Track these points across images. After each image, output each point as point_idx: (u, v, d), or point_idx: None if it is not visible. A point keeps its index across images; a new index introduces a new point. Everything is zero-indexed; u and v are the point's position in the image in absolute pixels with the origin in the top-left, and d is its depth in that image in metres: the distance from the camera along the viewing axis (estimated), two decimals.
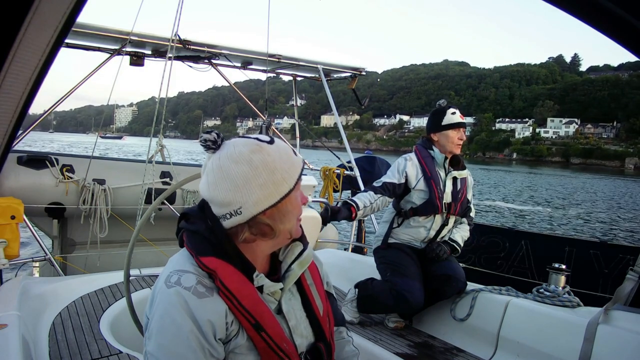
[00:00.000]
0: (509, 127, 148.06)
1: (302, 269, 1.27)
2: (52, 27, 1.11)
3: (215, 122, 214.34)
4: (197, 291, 1.08)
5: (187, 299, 1.06)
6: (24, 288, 2.46)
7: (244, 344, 1.13)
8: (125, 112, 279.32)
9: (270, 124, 5.32)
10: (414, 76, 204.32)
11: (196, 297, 1.07)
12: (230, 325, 1.12)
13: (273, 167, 1.13)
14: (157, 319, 1.08)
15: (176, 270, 1.13)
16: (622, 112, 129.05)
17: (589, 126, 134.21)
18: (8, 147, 1.48)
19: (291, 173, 1.16)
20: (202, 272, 1.13)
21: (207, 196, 1.16)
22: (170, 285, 1.09)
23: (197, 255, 1.14)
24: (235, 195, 1.11)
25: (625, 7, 1.04)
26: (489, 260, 4.95)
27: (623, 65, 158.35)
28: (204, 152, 1.19)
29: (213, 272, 1.11)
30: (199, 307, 1.07)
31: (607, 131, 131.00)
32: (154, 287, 1.16)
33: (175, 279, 1.10)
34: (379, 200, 2.99)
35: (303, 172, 1.23)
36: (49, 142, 64.17)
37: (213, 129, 1.23)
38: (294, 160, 1.18)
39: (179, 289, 1.08)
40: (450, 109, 3.02)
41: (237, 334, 1.13)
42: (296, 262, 1.26)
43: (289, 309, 1.23)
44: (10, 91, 1.21)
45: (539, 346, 2.44)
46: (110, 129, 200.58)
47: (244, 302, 1.11)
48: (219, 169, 1.13)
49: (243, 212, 1.12)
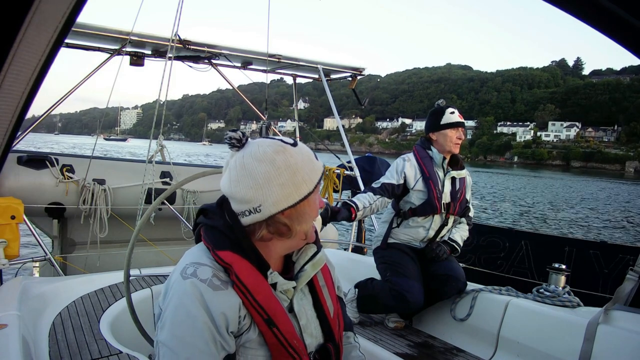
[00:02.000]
0: (510, 130, 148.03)
1: (315, 271, 1.29)
2: (52, 27, 1.11)
3: (219, 124, 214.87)
4: (213, 284, 1.10)
5: (202, 291, 1.08)
6: (24, 288, 2.46)
7: (255, 338, 1.15)
8: (130, 115, 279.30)
9: (270, 125, 5.33)
10: (416, 80, 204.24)
11: (211, 290, 1.09)
12: (243, 319, 1.13)
13: (295, 168, 1.15)
14: (171, 309, 1.10)
15: (192, 263, 1.14)
16: (623, 116, 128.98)
17: (590, 130, 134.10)
18: (8, 147, 1.48)
19: (312, 176, 1.18)
20: (218, 265, 1.14)
21: (228, 192, 1.18)
22: (186, 276, 1.11)
23: (214, 249, 1.16)
24: (256, 193, 1.13)
25: (625, 7, 1.04)
26: (488, 260, 4.95)
27: (626, 69, 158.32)
28: (223, 151, 1.22)
29: (229, 266, 1.13)
30: (213, 299, 1.08)
31: (608, 135, 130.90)
32: (168, 278, 1.17)
33: (192, 271, 1.12)
34: (379, 201, 2.99)
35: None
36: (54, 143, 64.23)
37: (217, 131, 1.26)
38: (315, 164, 1.21)
39: (194, 280, 1.10)
40: (449, 109, 3.03)
41: (249, 329, 1.15)
42: (309, 263, 1.28)
43: (300, 308, 1.25)
44: (10, 91, 1.21)
45: (539, 346, 2.44)
46: (115, 131, 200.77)
47: (257, 297, 1.13)
48: (242, 167, 1.15)
49: (262, 210, 1.14)
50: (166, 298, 1.13)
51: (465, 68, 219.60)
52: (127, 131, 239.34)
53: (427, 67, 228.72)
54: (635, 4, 1.04)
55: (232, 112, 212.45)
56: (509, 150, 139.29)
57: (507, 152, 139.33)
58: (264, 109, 5.40)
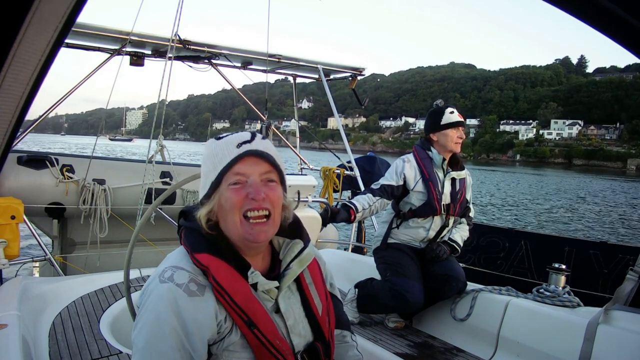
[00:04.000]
0: (512, 129, 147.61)
1: (302, 268, 1.27)
2: (52, 27, 1.11)
3: (224, 124, 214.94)
4: (189, 289, 1.09)
5: (177, 296, 1.07)
6: (24, 288, 2.47)
7: (237, 341, 1.14)
8: (136, 115, 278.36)
9: (270, 124, 5.33)
10: (419, 79, 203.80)
11: (186, 295, 1.08)
12: (224, 322, 1.12)
13: (204, 160, 1.23)
14: (143, 311, 1.10)
15: (171, 267, 1.14)
16: (625, 114, 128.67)
17: (592, 128, 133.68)
18: (8, 147, 1.48)
19: (217, 165, 1.19)
20: (197, 269, 1.14)
21: None
22: (163, 280, 1.10)
23: (192, 251, 1.15)
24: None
25: (625, 7, 1.04)
26: (488, 260, 4.94)
27: (630, 67, 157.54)
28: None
29: (206, 269, 1.12)
30: (188, 306, 1.07)
31: (610, 132, 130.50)
32: (148, 279, 1.17)
33: (169, 275, 1.11)
34: (378, 202, 2.99)
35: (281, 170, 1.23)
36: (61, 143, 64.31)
37: (221, 131, 1.28)
38: (225, 152, 1.19)
39: (171, 285, 1.09)
40: (448, 109, 3.02)
41: (231, 331, 1.13)
42: (295, 261, 1.25)
43: (287, 308, 1.23)
44: (10, 91, 1.21)
45: (539, 346, 2.43)
46: (121, 131, 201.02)
47: (236, 299, 1.12)
48: None
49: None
50: (142, 297, 1.14)
51: (469, 67, 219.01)
52: (132, 131, 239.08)
53: (430, 66, 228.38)
54: (635, 4, 1.04)
55: (236, 112, 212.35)
56: (511, 148, 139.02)
57: (509, 150, 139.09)
58: (264, 109, 5.40)
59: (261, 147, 1.19)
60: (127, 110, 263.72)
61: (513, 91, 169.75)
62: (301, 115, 7.60)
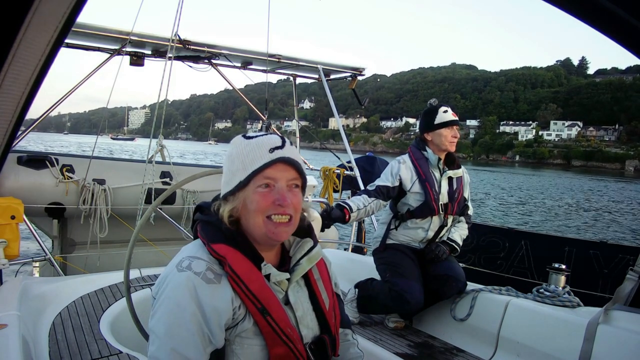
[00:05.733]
0: (512, 129, 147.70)
1: (311, 265, 1.33)
2: (52, 27, 1.11)
3: (226, 124, 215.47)
4: (206, 277, 1.14)
5: (196, 284, 1.12)
6: (24, 288, 2.46)
7: (250, 328, 1.18)
8: (139, 114, 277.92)
9: (270, 125, 5.34)
10: (421, 79, 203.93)
11: (204, 283, 1.13)
12: (238, 309, 1.17)
13: (232, 158, 1.27)
14: (163, 299, 1.14)
15: (188, 257, 1.19)
16: (624, 115, 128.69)
17: (591, 129, 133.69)
18: (8, 147, 1.48)
19: (247, 165, 1.24)
20: (213, 259, 1.19)
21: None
22: (181, 269, 1.15)
23: (209, 242, 1.20)
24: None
25: (625, 7, 1.04)
26: (488, 260, 4.93)
27: (631, 69, 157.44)
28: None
29: (223, 258, 1.17)
30: (206, 292, 1.12)
31: (608, 134, 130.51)
32: (164, 271, 1.21)
33: (187, 264, 1.16)
34: (373, 203, 2.98)
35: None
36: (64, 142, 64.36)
37: (223, 131, 1.29)
38: (257, 154, 1.24)
39: (189, 273, 1.14)
40: (441, 108, 3.01)
41: (244, 318, 1.18)
42: (305, 257, 1.32)
43: (296, 300, 1.28)
44: (10, 91, 1.21)
45: (539, 346, 2.43)
46: (123, 130, 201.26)
47: (251, 287, 1.17)
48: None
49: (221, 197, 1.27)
50: (160, 287, 1.17)
51: (470, 68, 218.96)
52: (135, 130, 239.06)
53: (432, 67, 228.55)
54: (635, 4, 1.04)
55: (238, 111, 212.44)
56: (511, 149, 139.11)
57: (509, 151, 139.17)
58: (264, 110, 5.40)
59: (291, 155, 1.25)
60: (130, 109, 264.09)
61: (513, 92, 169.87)
62: (303, 116, 7.57)
